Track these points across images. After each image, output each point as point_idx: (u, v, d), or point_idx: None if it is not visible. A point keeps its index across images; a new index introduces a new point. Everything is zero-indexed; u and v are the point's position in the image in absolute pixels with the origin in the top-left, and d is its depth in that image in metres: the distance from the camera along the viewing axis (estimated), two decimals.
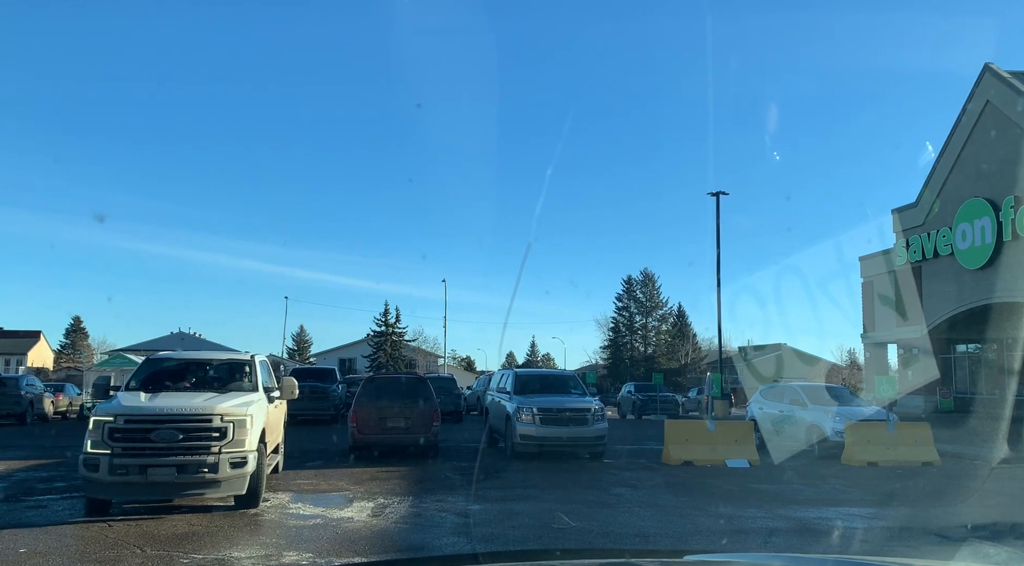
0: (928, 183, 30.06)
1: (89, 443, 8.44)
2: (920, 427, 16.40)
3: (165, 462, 8.39)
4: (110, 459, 8.26)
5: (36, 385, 28.45)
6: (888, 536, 6.55)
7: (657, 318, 73.54)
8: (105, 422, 8.49)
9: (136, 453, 8.42)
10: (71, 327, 78.32)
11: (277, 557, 7.05)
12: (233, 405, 9.06)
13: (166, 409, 8.75)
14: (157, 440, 8.47)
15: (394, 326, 75.31)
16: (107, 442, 8.40)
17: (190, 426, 8.63)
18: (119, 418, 8.54)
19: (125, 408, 8.73)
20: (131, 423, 8.55)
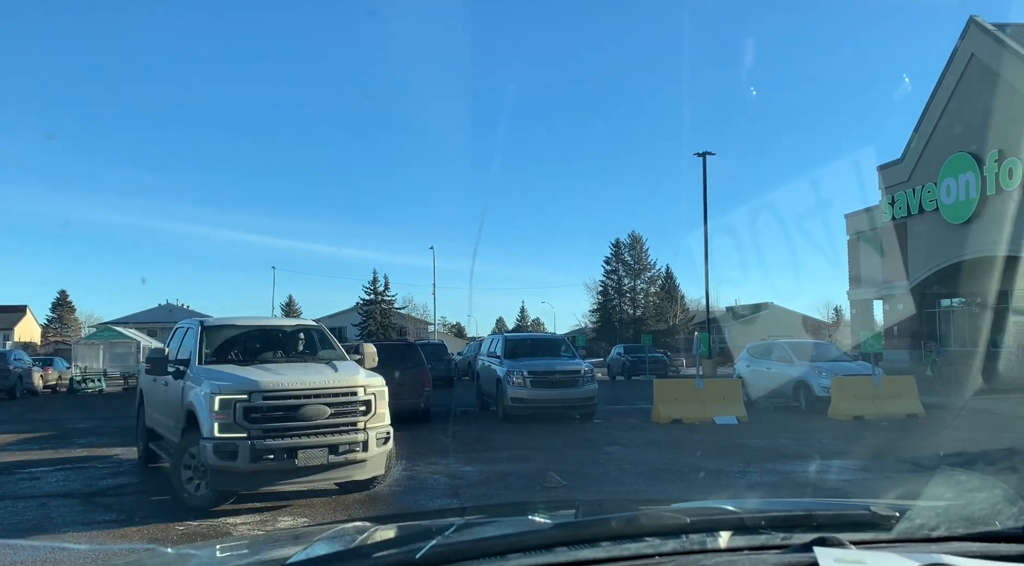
0: (913, 138, 30.09)
1: (216, 426, 7.10)
2: (904, 380, 16.67)
3: (317, 443, 7.33)
4: (250, 443, 7.06)
5: (24, 360, 28.37)
6: (866, 472, 6.77)
7: (645, 280, 73.82)
8: (237, 400, 7.15)
9: (282, 434, 7.25)
10: (57, 301, 77.76)
11: (272, 522, 7.14)
12: (367, 376, 8.10)
13: (309, 382, 7.59)
14: (305, 418, 7.37)
15: (383, 294, 75.28)
16: (243, 424, 7.12)
17: (338, 400, 7.60)
18: (255, 395, 7.23)
19: (258, 382, 7.34)
20: (272, 400, 7.31)
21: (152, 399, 9.70)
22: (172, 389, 8.44)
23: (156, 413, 9.46)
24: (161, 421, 9.15)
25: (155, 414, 9.53)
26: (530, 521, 1.48)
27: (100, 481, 9.30)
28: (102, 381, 30.61)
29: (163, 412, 8.98)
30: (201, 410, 7.33)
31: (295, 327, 9.98)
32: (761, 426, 14.35)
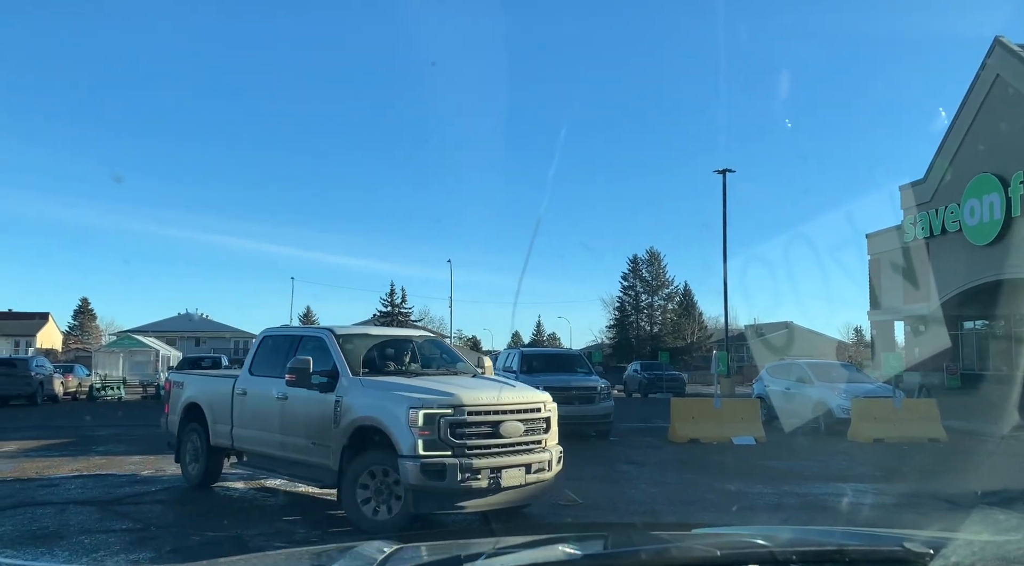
0: (936, 159, 29.82)
1: (421, 443, 6.59)
2: (926, 403, 16.42)
3: (515, 462, 6.97)
4: (459, 462, 6.63)
5: (46, 366, 28.67)
6: (897, 504, 6.57)
7: (663, 297, 73.50)
8: (441, 415, 6.68)
9: (485, 452, 6.86)
10: (79, 309, 78.72)
11: (288, 534, 7.13)
12: (542, 392, 7.76)
13: (503, 398, 7.22)
14: (505, 435, 6.98)
15: (400, 306, 75.52)
16: (448, 441, 6.66)
17: (528, 417, 7.27)
18: (460, 409, 6.80)
19: (460, 397, 6.91)
20: (476, 415, 6.90)
21: (249, 413, 8.53)
22: (309, 403, 7.60)
23: (255, 430, 8.38)
24: (269, 439, 8.14)
25: (250, 432, 8.45)
26: (560, 551, 1.46)
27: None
28: (121, 389, 30.87)
29: (281, 428, 8.00)
30: (395, 426, 6.75)
31: (423, 338, 9.52)
32: (780, 447, 14.17)
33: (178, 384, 10.14)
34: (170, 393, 10.23)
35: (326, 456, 7.34)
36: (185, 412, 9.55)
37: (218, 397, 9.04)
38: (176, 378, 10.56)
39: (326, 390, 7.49)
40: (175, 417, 9.74)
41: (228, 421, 8.77)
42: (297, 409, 7.83)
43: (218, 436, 8.92)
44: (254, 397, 8.49)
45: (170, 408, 9.99)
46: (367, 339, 8.42)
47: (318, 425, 7.51)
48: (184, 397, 9.66)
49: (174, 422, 9.75)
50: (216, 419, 8.96)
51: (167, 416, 10.02)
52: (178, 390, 9.97)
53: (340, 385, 7.45)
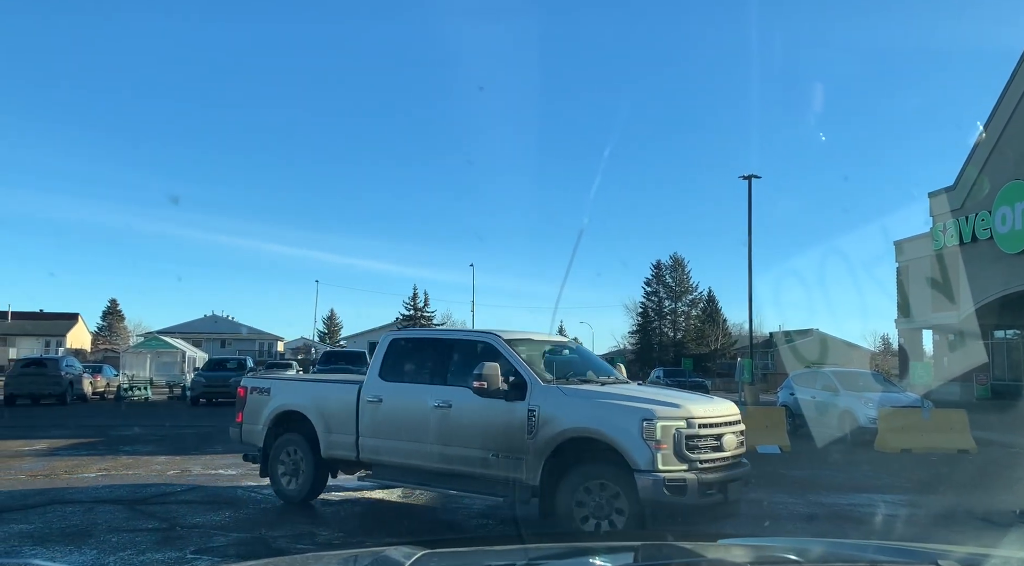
0: (967, 166, 29.36)
1: (660, 457, 6.30)
2: (956, 414, 16.12)
3: (735, 475, 6.79)
4: (697, 477, 6.37)
5: (76, 366, 29.13)
6: (931, 521, 6.43)
7: (687, 303, 73.05)
8: (677, 428, 6.41)
9: (713, 467, 6.61)
10: (108, 310, 79.91)
11: (310, 535, 7.17)
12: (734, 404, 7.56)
13: (720, 410, 7.02)
14: (727, 448, 6.80)
15: (422, 310, 75.78)
16: (684, 455, 6.39)
17: (740, 429, 7.10)
18: (691, 422, 6.52)
19: (690, 408, 6.66)
20: (705, 427, 6.64)
21: (387, 422, 7.87)
22: (490, 412, 7.11)
23: (399, 441, 7.74)
24: (421, 451, 7.54)
25: (391, 443, 7.80)
26: (591, 562, 1.45)
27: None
28: (148, 389, 31.28)
29: (442, 439, 7.41)
30: (626, 438, 6.42)
31: (575, 344, 9.24)
32: (805, 456, 14.00)
33: (260, 390, 9.05)
34: (246, 400, 9.10)
35: (517, 469, 6.86)
36: (276, 421, 8.70)
37: (335, 405, 8.32)
38: (256, 383, 9.33)
39: (514, 398, 7.00)
40: (257, 427, 8.81)
41: (351, 431, 8.04)
42: (470, 419, 7.29)
43: (335, 448, 8.18)
44: (396, 405, 7.85)
45: (246, 417, 9.02)
46: (534, 345, 7.95)
47: (503, 436, 7.03)
48: (274, 405, 8.76)
49: (256, 432, 8.82)
50: (332, 429, 8.22)
51: (241, 425, 9.06)
52: (261, 397, 8.94)
53: (531, 393, 6.99)
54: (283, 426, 8.68)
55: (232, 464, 11.57)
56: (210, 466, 11.39)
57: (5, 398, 25.29)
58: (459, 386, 7.38)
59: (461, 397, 7.30)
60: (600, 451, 6.58)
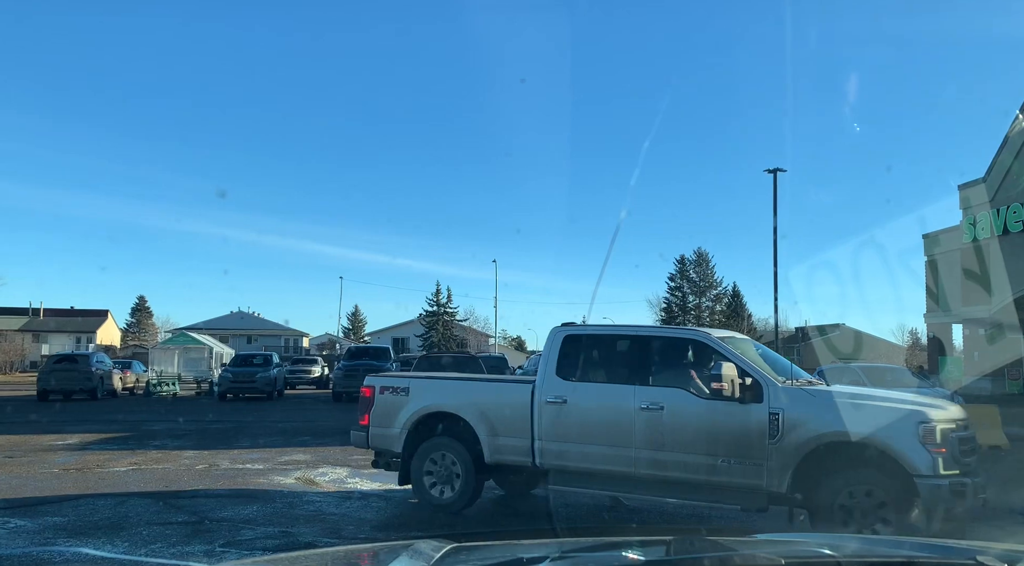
0: (998, 157, 28.81)
1: (940, 461, 6.09)
2: (987, 409, 15.83)
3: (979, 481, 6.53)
4: (970, 480, 6.22)
5: (106, 362, 29.61)
6: (968, 518, 6.31)
7: (711, 298, 72.54)
8: (950, 431, 6.25)
9: (972, 469, 6.45)
10: (136, 306, 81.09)
11: (337, 529, 7.23)
12: None
13: (962, 412, 6.88)
14: (974, 451, 6.66)
15: (446, 306, 75.99)
16: (958, 459, 6.25)
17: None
18: (960, 424, 6.44)
19: (954, 411, 6.60)
20: (967, 430, 6.53)
21: (575, 425, 7.34)
22: (717, 415, 6.74)
23: (591, 445, 7.21)
24: (623, 456, 7.05)
25: (580, 447, 7.27)
26: (623, 556, 1.45)
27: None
28: (176, 385, 31.73)
29: (652, 444, 6.96)
30: (903, 443, 6.17)
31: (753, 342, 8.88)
32: None
33: (395, 389, 8.26)
34: (374, 401, 8.31)
35: (756, 476, 6.52)
36: (419, 424, 8.01)
37: (503, 406, 7.77)
38: (388, 382, 8.53)
39: (750, 401, 6.62)
40: (393, 430, 8.07)
41: (526, 435, 7.48)
42: (690, 422, 6.87)
43: (503, 453, 7.61)
44: (586, 406, 7.35)
45: (376, 419, 8.25)
46: (737, 342, 7.56)
47: (737, 441, 6.67)
48: (416, 406, 8.04)
49: (391, 436, 8.10)
50: (499, 432, 7.63)
51: (368, 429, 8.29)
52: (396, 397, 8.19)
53: (769, 395, 6.62)
54: (428, 429, 8.01)
55: (259, 459, 11.71)
56: (238, 460, 11.53)
57: (38, 393, 25.78)
58: (667, 387, 7.04)
59: (676, 399, 6.92)
60: (864, 456, 6.30)
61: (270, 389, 27.63)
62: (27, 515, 7.56)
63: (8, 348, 54.78)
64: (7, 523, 7.21)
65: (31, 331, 64.36)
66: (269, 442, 13.99)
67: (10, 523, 7.21)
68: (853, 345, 47.39)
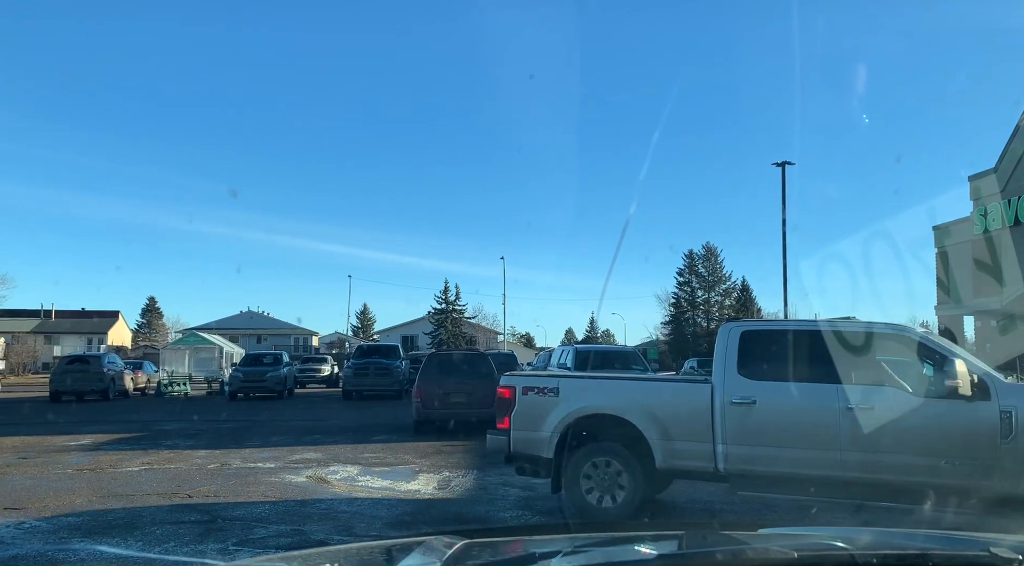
0: (1009, 147, 28.59)
1: None
2: None
3: None
4: None
5: (117, 363, 29.78)
6: (982, 510, 6.27)
7: (720, 293, 72.33)
8: None
9: None
10: (147, 307, 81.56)
11: (348, 527, 7.26)
12: None
13: None
14: None
15: (454, 304, 76.07)
16: None
17: None
18: None
19: None
20: None
21: (768, 427, 6.96)
22: (940, 414, 6.50)
23: (788, 449, 6.84)
24: (826, 459, 6.70)
25: (774, 451, 6.88)
26: (636, 550, 1.45)
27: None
28: (187, 385, 31.89)
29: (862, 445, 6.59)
30: None
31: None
32: None
33: (541, 390, 7.65)
34: (515, 402, 7.64)
35: (985, 476, 6.31)
36: (573, 428, 7.39)
37: (677, 408, 7.32)
38: (533, 382, 7.89)
39: (977, 399, 6.34)
40: (541, 434, 7.45)
41: (706, 438, 7.07)
42: (905, 422, 6.55)
43: (680, 458, 7.16)
44: (781, 407, 6.96)
45: (519, 422, 7.58)
46: (935, 338, 7.29)
47: (963, 441, 6.42)
48: (570, 408, 7.46)
49: (539, 441, 7.47)
50: (673, 436, 7.16)
51: (509, 433, 7.63)
52: (543, 399, 7.57)
53: (997, 393, 6.35)
54: (586, 433, 7.42)
55: (270, 458, 11.76)
56: (249, 459, 11.58)
57: (50, 394, 25.96)
58: (873, 384, 6.79)
59: (887, 397, 6.66)
60: None
61: (280, 388, 27.75)
62: (42, 515, 7.63)
63: (21, 350, 55.18)
64: (22, 523, 7.27)
65: (43, 333, 64.83)
66: (280, 441, 14.05)
67: (25, 523, 7.27)
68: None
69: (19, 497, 8.58)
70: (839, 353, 6.89)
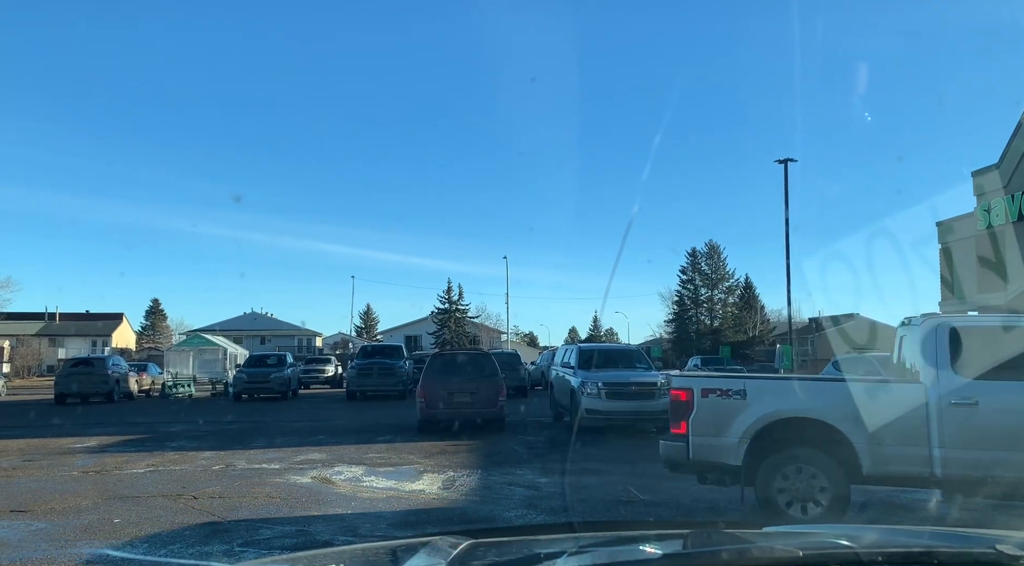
0: (1012, 142, 28.51)
1: None
2: None
3: None
4: None
5: (122, 365, 29.85)
6: (988, 507, 6.24)
7: (723, 290, 72.22)
8: None
9: None
10: (151, 309, 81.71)
11: (353, 528, 7.27)
12: None
13: None
14: None
15: (457, 303, 76.10)
16: None
17: None
18: None
19: None
20: None
21: (996, 430, 6.66)
22: None
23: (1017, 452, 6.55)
24: None
25: (1002, 455, 6.60)
26: (640, 549, 1.45)
27: None
28: (191, 387, 31.93)
29: None
30: None
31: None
32: None
33: (729, 392, 7.21)
34: (693, 405, 7.18)
35: None
36: (763, 433, 6.99)
37: (888, 410, 6.86)
38: (718, 384, 7.40)
39: None
40: (727, 440, 7.02)
41: (922, 442, 6.74)
42: None
43: (891, 463, 6.80)
44: (1011, 408, 6.64)
45: (699, 427, 7.17)
46: None
47: None
48: (762, 411, 7.02)
49: (725, 447, 7.04)
50: (883, 440, 6.78)
51: (687, 439, 7.18)
52: (728, 401, 7.15)
53: None
54: (779, 438, 7.01)
55: (275, 459, 11.78)
56: (254, 460, 11.60)
57: (55, 397, 26.04)
58: None
59: None
60: None
61: (284, 389, 27.79)
62: (47, 517, 7.65)
63: (25, 352, 55.33)
64: (29, 526, 7.29)
65: (48, 335, 64.97)
66: (285, 442, 14.07)
67: (32, 526, 7.29)
68: (868, 335, 47.00)
69: (25, 499, 8.60)
70: None
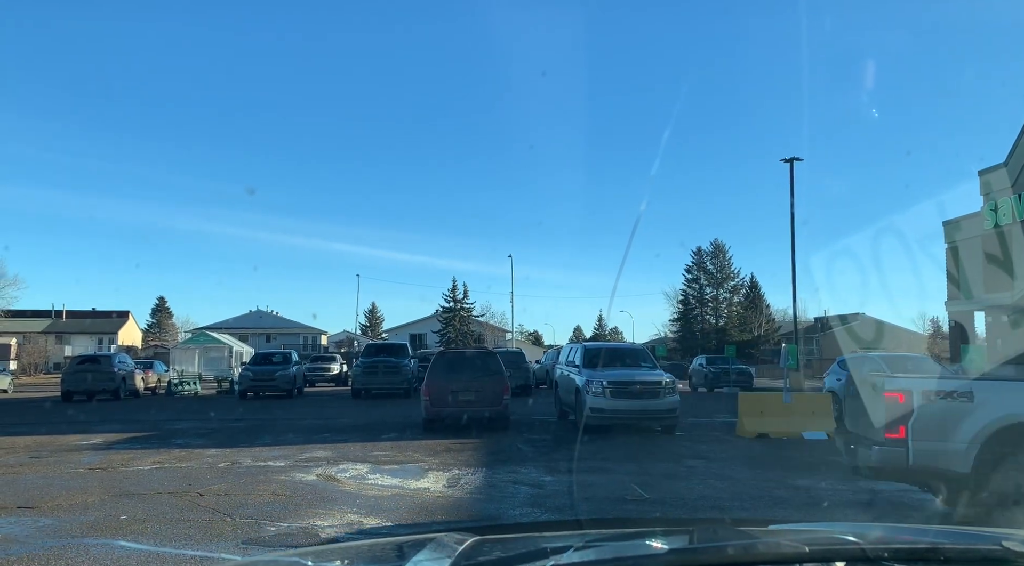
0: (1019, 142, 28.38)
1: None
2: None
3: None
4: None
5: (128, 362, 29.95)
6: (992, 502, 6.22)
7: (728, 290, 72.19)
8: None
9: None
10: (156, 307, 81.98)
11: (358, 525, 7.28)
12: None
13: None
14: None
15: (462, 302, 76.13)
16: None
17: None
18: None
19: None
20: None
21: None
22: None
23: None
24: None
25: None
26: (646, 545, 1.45)
27: None
28: (197, 384, 32.03)
29: None
30: None
31: None
32: None
33: (954, 394, 6.66)
34: (912, 408, 6.67)
35: None
36: (996, 438, 6.34)
37: None
38: (941, 385, 6.95)
39: None
40: (954, 445, 6.48)
41: None
42: None
43: None
44: None
45: (921, 432, 6.61)
46: None
47: None
48: (995, 414, 6.40)
49: (951, 453, 6.49)
50: None
51: (907, 443, 6.63)
52: (956, 404, 6.60)
53: None
54: (1013, 444, 6.31)
55: (280, 456, 11.81)
56: (259, 458, 11.62)
57: (62, 394, 26.14)
58: None
59: None
60: None
61: (290, 387, 27.85)
62: (54, 513, 7.68)
63: (32, 350, 55.56)
64: (36, 522, 7.32)
65: (54, 333, 65.26)
66: (290, 439, 14.10)
67: (39, 522, 7.32)
68: (874, 334, 46.97)
69: (32, 496, 8.64)
70: None
